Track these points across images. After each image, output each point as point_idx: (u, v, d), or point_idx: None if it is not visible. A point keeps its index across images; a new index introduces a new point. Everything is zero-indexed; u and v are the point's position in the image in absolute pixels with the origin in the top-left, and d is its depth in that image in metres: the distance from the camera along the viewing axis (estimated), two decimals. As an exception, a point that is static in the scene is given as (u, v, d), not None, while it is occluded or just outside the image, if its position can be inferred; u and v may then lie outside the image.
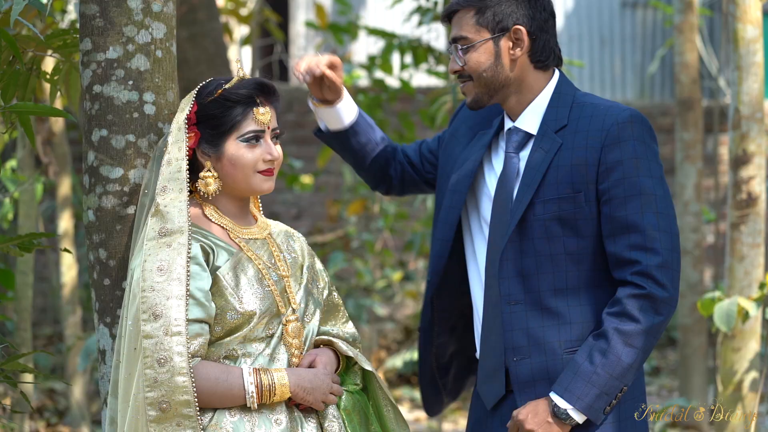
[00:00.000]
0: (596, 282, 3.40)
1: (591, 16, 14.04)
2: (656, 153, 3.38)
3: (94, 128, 3.43)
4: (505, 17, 3.42)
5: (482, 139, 3.58)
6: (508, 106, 3.51)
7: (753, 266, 5.31)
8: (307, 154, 10.90)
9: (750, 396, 5.33)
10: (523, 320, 3.41)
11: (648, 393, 9.15)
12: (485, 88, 3.47)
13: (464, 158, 3.59)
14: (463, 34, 3.45)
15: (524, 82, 3.47)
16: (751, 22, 5.26)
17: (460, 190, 3.56)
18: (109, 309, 3.43)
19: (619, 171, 3.33)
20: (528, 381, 3.41)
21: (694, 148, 7.91)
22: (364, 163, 3.83)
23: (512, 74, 3.45)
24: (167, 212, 3.23)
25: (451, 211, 3.58)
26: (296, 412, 3.31)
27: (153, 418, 3.12)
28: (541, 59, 3.47)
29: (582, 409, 3.30)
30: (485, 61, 3.44)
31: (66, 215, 7.46)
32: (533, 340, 3.40)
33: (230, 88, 3.33)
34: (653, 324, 3.30)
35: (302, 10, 13.81)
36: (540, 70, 3.48)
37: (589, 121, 3.39)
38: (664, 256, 3.31)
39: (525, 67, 3.46)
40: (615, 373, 3.29)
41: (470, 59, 3.45)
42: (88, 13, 3.43)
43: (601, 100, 3.46)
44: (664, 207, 3.34)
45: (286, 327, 3.34)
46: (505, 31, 3.43)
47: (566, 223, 3.38)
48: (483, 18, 3.43)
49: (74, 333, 7.42)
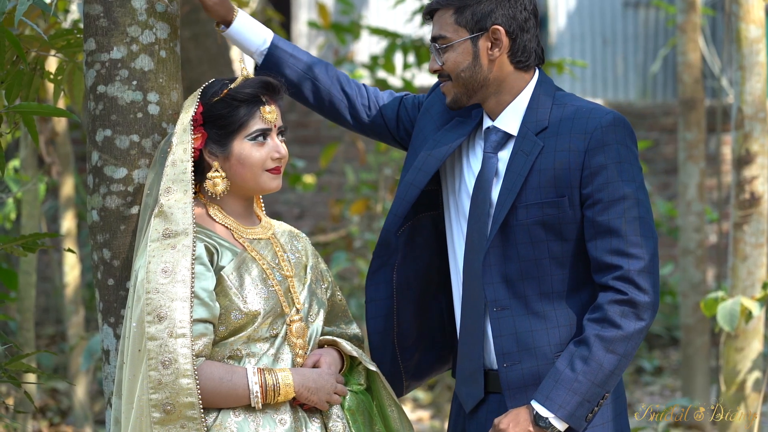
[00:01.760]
0: (582, 284, 3.38)
1: (593, 16, 14.03)
2: (637, 156, 3.36)
3: (98, 128, 3.43)
4: (484, 17, 3.37)
5: (459, 129, 3.51)
6: (487, 106, 3.45)
7: (756, 266, 5.31)
8: (309, 153, 10.90)
9: (753, 396, 5.33)
10: (511, 325, 3.37)
11: (650, 393, 9.15)
12: (464, 88, 3.42)
13: (437, 140, 3.50)
14: (442, 33, 3.41)
15: (504, 83, 3.42)
16: (754, 22, 5.26)
17: (426, 170, 3.48)
18: (113, 309, 3.43)
19: (603, 175, 3.30)
20: (519, 386, 3.37)
21: (696, 148, 7.91)
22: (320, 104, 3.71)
23: (491, 74, 3.40)
24: (171, 213, 3.23)
25: (411, 189, 3.49)
26: (300, 412, 3.31)
27: (157, 419, 3.12)
28: (522, 59, 3.41)
29: (564, 418, 3.27)
30: (463, 61, 3.39)
31: (69, 215, 7.46)
32: (523, 345, 3.37)
33: (236, 87, 3.34)
34: (635, 330, 3.27)
35: (305, 9, 13.81)
36: (520, 70, 3.42)
37: (572, 124, 3.35)
38: (645, 261, 3.28)
39: (504, 67, 3.41)
40: (597, 381, 3.27)
41: (448, 59, 3.40)
42: (92, 14, 3.43)
43: (581, 101, 3.41)
44: (645, 212, 3.32)
45: (290, 327, 3.34)
46: (483, 31, 3.37)
47: (550, 228, 3.34)
48: (462, 17, 3.38)
49: (77, 333, 7.43)
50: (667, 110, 11.93)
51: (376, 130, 3.72)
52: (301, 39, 13.83)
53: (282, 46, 3.65)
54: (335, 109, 3.70)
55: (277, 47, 3.64)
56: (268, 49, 3.62)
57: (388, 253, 3.55)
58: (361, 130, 3.74)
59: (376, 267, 3.57)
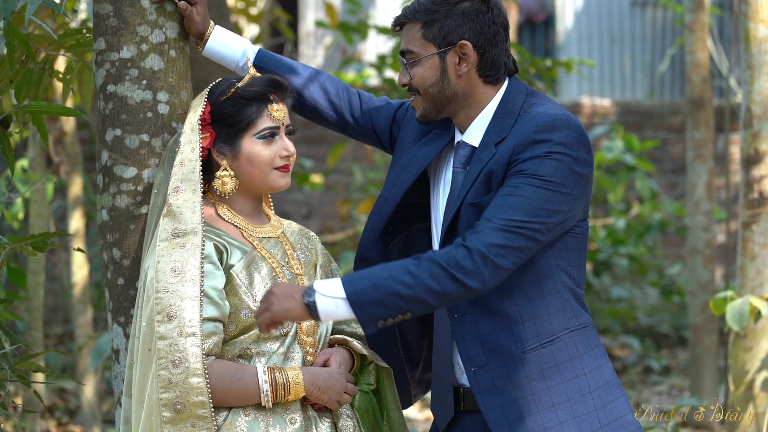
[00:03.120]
0: (539, 274, 3.30)
1: (601, 15, 14.02)
2: (575, 158, 3.24)
3: (108, 128, 3.44)
4: (451, 32, 3.32)
5: (435, 143, 3.46)
6: (457, 121, 3.41)
7: (765, 265, 5.30)
8: (317, 153, 10.90)
9: (761, 395, 5.33)
10: (474, 329, 3.31)
11: (659, 393, 9.15)
12: (432, 103, 3.37)
13: (412, 154, 3.47)
14: (410, 48, 3.36)
15: (472, 97, 3.37)
16: (762, 21, 5.26)
17: (400, 185, 3.44)
18: (123, 308, 3.44)
19: (521, 166, 3.22)
20: (490, 388, 3.29)
21: (705, 148, 7.90)
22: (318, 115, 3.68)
23: (459, 89, 3.35)
24: (180, 213, 3.23)
25: (385, 204, 3.46)
26: (311, 411, 3.31)
27: (167, 419, 3.13)
28: (491, 74, 3.36)
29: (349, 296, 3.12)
30: (431, 77, 3.34)
31: (77, 215, 7.47)
32: (488, 347, 3.30)
33: (243, 86, 3.34)
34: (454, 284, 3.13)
35: (312, 9, 13.82)
36: (489, 84, 3.38)
37: (519, 129, 3.29)
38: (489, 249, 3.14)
39: (473, 81, 3.36)
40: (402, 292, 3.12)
41: (416, 74, 3.36)
42: (102, 13, 3.44)
43: (548, 107, 3.33)
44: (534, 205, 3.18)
45: (300, 325, 3.34)
46: (451, 46, 3.32)
47: None
48: (429, 32, 3.33)
49: (85, 332, 7.43)
50: (675, 110, 11.92)
51: (370, 140, 3.71)
52: (308, 39, 13.84)
53: (267, 62, 3.63)
54: (323, 120, 3.69)
55: (262, 60, 3.62)
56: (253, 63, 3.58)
57: None
58: (354, 137, 3.72)
59: None
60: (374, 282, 3.14)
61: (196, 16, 3.51)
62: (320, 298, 3.14)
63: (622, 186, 10.59)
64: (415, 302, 3.14)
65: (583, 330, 3.34)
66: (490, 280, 3.17)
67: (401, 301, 3.14)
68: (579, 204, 3.29)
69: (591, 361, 3.33)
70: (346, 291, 3.14)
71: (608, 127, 10.96)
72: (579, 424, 3.29)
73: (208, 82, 3.50)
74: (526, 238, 3.18)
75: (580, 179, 3.25)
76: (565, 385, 3.30)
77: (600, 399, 3.32)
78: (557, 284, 3.32)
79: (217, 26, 3.59)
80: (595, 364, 3.33)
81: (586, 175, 3.27)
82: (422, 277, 3.13)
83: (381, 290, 3.13)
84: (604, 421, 3.31)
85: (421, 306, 3.16)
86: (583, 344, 3.33)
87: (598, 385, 3.33)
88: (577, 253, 3.36)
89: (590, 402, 3.31)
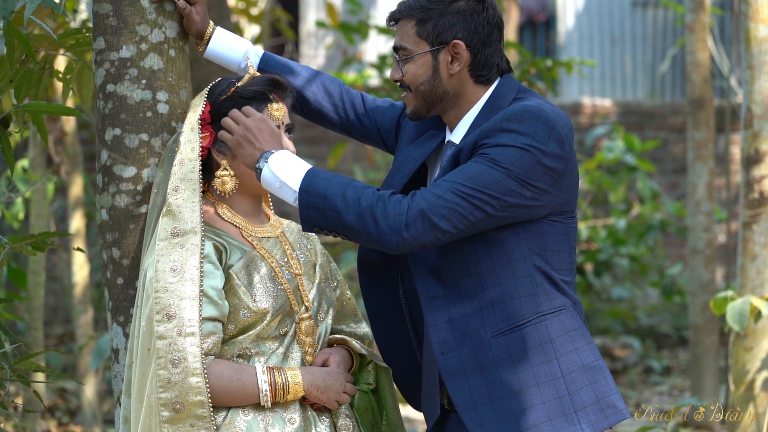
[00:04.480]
0: (510, 257, 3.28)
1: (602, 15, 14.03)
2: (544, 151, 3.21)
3: (108, 127, 3.44)
4: (445, 31, 3.32)
5: (428, 143, 3.48)
6: (447, 119, 3.42)
7: (765, 265, 5.30)
8: (317, 153, 10.90)
9: (762, 395, 5.33)
10: (444, 312, 3.30)
11: (659, 393, 9.15)
12: (423, 101, 3.38)
13: (407, 154, 3.49)
14: (403, 44, 3.36)
15: (462, 96, 3.38)
16: (763, 21, 5.26)
17: (395, 186, 3.45)
18: (123, 308, 3.44)
19: (485, 150, 3.21)
20: (459, 372, 3.28)
21: (705, 148, 7.90)
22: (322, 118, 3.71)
23: (450, 88, 3.36)
24: (179, 212, 3.23)
25: None
26: (310, 411, 3.31)
27: (166, 418, 3.13)
28: (482, 73, 3.36)
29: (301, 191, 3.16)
30: (423, 74, 3.35)
31: (77, 214, 7.47)
32: (458, 331, 3.29)
33: (243, 85, 3.34)
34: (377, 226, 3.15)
35: (313, 9, 13.82)
36: (480, 84, 3.38)
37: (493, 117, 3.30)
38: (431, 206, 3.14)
39: (465, 81, 3.37)
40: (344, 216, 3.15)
41: (408, 71, 3.37)
42: (102, 12, 3.44)
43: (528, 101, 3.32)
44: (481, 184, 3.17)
45: (299, 325, 3.34)
46: (444, 45, 3.33)
47: None
48: (423, 29, 3.34)
49: (86, 332, 7.43)
50: (676, 110, 11.92)
51: (375, 142, 3.73)
52: (309, 39, 13.84)
53: (272, 64, 3.63)
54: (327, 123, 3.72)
55: (267, 63, 3.63)
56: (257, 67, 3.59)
57: (372, 268, 3.53)
58: (358, 139, 3.74)
59: (367, 284, 3.55)
60: (326, 193, 3.17)
61: (195, 15, 3.51)
62: (268, 172, 3.21)
63: (623, 186, 10.60)
64: (350, 230, 3.18)
65: (557, 313, 3.31)
66: (421, 236, 3.16)
67: (339, 223, 3.18)
68: (551, 197, 3.26)
69: (565, 345, 3.30)
70: (302, 184, 3.18)
71: (609, 128, 10.96)
72: (547, 409, 3.25)
73: (208, 82, 3.50)
74: (472, 207, 3.18)
75: (549, 172, 3.23)
76: (534, 370, 3.26)
77: (574, 383, 3.29)
78: (529, 268, 3.29)
79: (219, 28, 3.59)
80: (570, 347, 3.30)
81: (558, 169, 3.25)
82: (361, 207, 3.16)
83: (328, 203, 3.17)
84: (578, 405, 3.28)
85: (353, 234, 3.18)
86: (557, 328, 3.30)
87: (572, 369, 3.29)
88: (555, 237, 3.33)
89: (562, 386, 3.28)
